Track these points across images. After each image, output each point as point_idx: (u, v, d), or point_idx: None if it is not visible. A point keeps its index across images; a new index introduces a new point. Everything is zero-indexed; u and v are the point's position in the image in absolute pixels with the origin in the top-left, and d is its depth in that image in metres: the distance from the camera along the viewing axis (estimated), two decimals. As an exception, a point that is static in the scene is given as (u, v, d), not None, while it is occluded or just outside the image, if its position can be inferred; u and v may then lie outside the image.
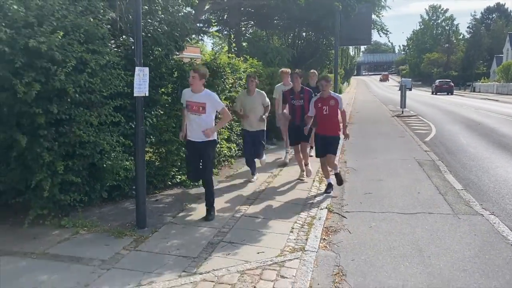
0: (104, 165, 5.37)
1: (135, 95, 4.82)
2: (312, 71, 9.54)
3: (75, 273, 3.85)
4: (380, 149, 10.87)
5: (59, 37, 4.62)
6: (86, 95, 5.11)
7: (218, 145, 8.01)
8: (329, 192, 6.60)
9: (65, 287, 3.59)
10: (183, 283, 3.66)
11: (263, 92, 7.55)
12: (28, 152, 4.81)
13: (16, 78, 4.48)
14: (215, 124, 5.38)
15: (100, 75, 5.20)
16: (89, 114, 5.14)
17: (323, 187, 6.99)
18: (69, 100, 4.94)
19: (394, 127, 15.75)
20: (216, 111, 5.38)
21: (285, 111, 7.64)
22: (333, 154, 6.61)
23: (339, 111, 6.54)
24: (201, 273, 3.85)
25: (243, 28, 21.30)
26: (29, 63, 4.58)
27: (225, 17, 19.49)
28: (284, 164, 8.64)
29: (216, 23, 19.33)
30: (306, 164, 7.51)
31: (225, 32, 21.49)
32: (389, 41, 75.12)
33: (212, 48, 28.73)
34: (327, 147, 6.51)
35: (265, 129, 7.46)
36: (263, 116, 7.30)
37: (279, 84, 9.06)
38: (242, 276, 3.80)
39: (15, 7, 4.59)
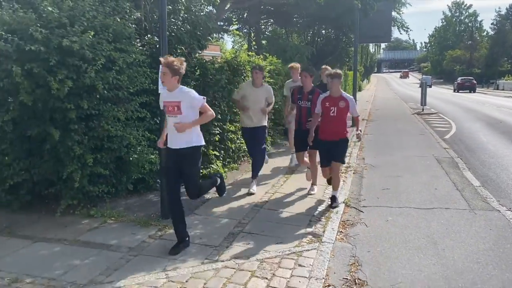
0: (130, 159, 5.63)
1: (160, 91, 5.02)
2: (324, 66, 8.31)
3: (105, 258, 4.11)
4: (399, 146, 10.91)
5: (90, 36, 4.89)
6: (114, 91, 5.38)
7: (238, 140, 8.22)
8: (335, 206, 5.73)
9: (97, 270, 3.84)
10: (205, 269, 3.88)
11: (271, 87, 6.93)
12: (60, 145, 5.09)
13: (50, 75, 4.77)
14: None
15: (127, 73, 5.46)
16: (117, 110, 5.40)
17: (340, 183, 7.09)
18: (98, 96, 5.21)
19: (413, 125, 15.70)
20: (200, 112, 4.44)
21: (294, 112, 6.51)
22: (339, 161, 5.78)
23: (348, 115, 5.80)
24: (222, 261, 4.06)
25: (263, 26, 21.44)
26: (62, 61, 4.86)
27: (245, 15, 19.67)
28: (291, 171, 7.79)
29: (236, 22, 19.55)
30: (310, 181, 6.55)
31: (245, 30, 21.69)
32: (409, 38, 74.27)
33: (233, 46, 28.93)
34: (332, 153, 5.67)
35: (266, 125, 6.78)
36: (266, 108, 6.58)
37: (289, 81, 8.23)
38: (262, 264, 3.99)
39: (49, 8, 4.88)
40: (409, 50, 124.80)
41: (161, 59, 4.21)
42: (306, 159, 6.58)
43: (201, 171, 7.16)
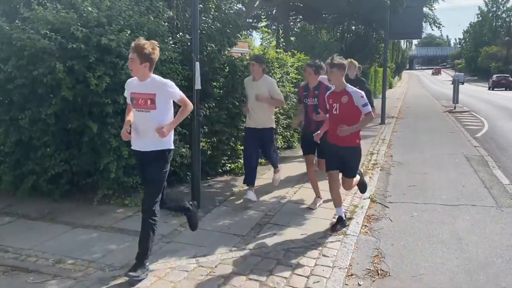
0: (163, 151, 5.89)
1: (196, 88, 5.23)
2: (349, 60, 7.46)
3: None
4: (428, 143, 10.83)
5: (127, 35, 5.16)
6: (148, 87, 5.63)
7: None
8: (338, 229, 4.76)
9: (132, 255, 4.08)
10: (233, 256, 4.08)
11: (273, 79, 6.18)
12: (98, 138, 5.40)
13: (89, 72, 5.07)
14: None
15: (160, 70, 5.70)
16: (150, 105, 5.66)
17: (366, 179, 7.16)
18: (133, 92, 5.48)
19: (444, 123, 15.46)
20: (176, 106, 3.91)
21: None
22: (352, 177, 4.88)
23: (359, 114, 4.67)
24: (249, 249, 4.25)
25: (292, 23, 21.54)
26: (101, 59, 5.16)
27: (273, 12, 19.81)
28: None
29: (265, 18, 19.71)
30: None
31: (273, 27, 21.83)
32: (441, 34, 72.40)
33: (261, 43, 29.12)
34: (343, 164, 4.79)
35: (274, 127, 6.04)
36: (270, 98, 5.74)
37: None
38: (287, 253, 4.16)
39: (89, 8, 5.19)
40: (443, 47, 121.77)
41: (132, 43, 3.64)
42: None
43: (230, 165, 7.41)
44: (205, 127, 6.85)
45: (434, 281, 3.74)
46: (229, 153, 7.38)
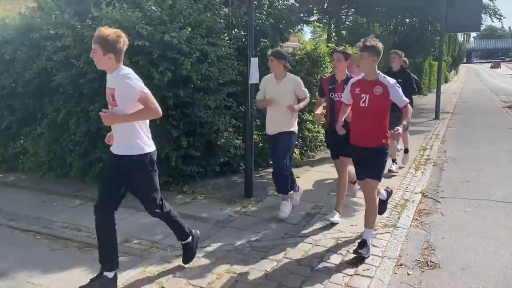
0: (218, 143, 6.23)
1: (251, 82, 5.45)
2: (393, 51, 7.00)
3: (198, 227, 4.62)
4: (484, 140, 10.49)
5: (187, 32, 5.48)
6: (206, 82, 5.95)
7: (314, 129, 8.49)
8: (364, 255, 3.90)
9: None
10: (285, 242, 4.30)
11: (299, 78, 5.16)
12: (159, 129, 5.76)
13: (152, 67, 5.45)
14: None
15: (217, 65, 6.01)
16: (207, 99, 5.98)
17: (418, 174, 7.13)
18: (192, 86, 5.81)
19: (503, 118, 14.81)
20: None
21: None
22: (374, 178, 4.03)
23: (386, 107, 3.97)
24: (300, 236, 4.45)
25: (343, 16, 21.30)
26: (163, 55, 5.51)
27: (325, 5, 19.69)
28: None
29: (316, 12, 19.64)
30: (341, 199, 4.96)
31: (325, 21, 21.68)
32: (502, 26, 68.62)
33: (313, 38, 28.99)
34: (366, 165, 4.02)
35: (295, 131, 5.08)
36: (295, 106, 4.94)
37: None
38: (337, 242, 4.32)
39: (153, 8, 5.56)
40: (504, 39, 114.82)
41: (95, 33, 3.20)
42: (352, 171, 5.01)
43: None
44: (257, 120, 7.09)
45: (484, 274, 3.76)
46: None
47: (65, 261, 3.94)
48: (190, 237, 3.79)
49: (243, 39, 6.88)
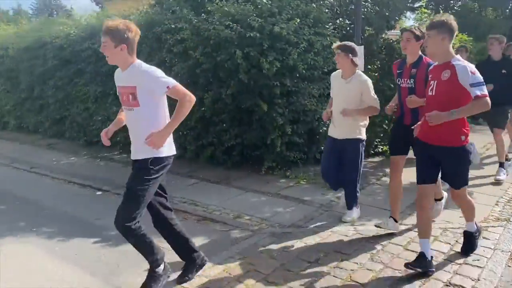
0: (320, 131, 6.39)
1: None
2: (491, 35, 6.03)
3: (301, 209, 4.95)
4: None
5: (295, 23, 5.70)
6: (311, 71, 6.14)
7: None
8: (412, 268, 3.40)
9: (296, 217, 4.70)
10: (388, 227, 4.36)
11: (369, 80, 4.30)
12: (266, 116, 6.11)
13: (262, 57, 5.77)
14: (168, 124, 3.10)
15: (322, 54, 6.16)
16: (312, 87, 6.17)
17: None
18: (298, 75, 6.05)
19: None
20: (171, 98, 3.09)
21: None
22: (457, 186, 3.55)
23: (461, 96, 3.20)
24: (405, 224, 4.47)
25: (452, 1, 20.00)
26: (272, 46, 5.81)
27: (432, -10, 18.65)
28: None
29: (423, -1, 18.69)
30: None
31: (431, 6, 20.52)
32: None
33: (413, 25, 27.52)
34: (443, 170, 3.49)
35: (363, 138, 4.43)
36: (353, 111, 4.23)
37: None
38: (445, 232, 4.27)
39: (264, 0, 5.86)
40: None
41: (103, 27, 2.97)
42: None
43: (382, 147, 7.53)
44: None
45: None
46: (381, 135, 7.52)
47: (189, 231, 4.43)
48: (162, 267, 3.27)
49: (348, 28, 6.93)
